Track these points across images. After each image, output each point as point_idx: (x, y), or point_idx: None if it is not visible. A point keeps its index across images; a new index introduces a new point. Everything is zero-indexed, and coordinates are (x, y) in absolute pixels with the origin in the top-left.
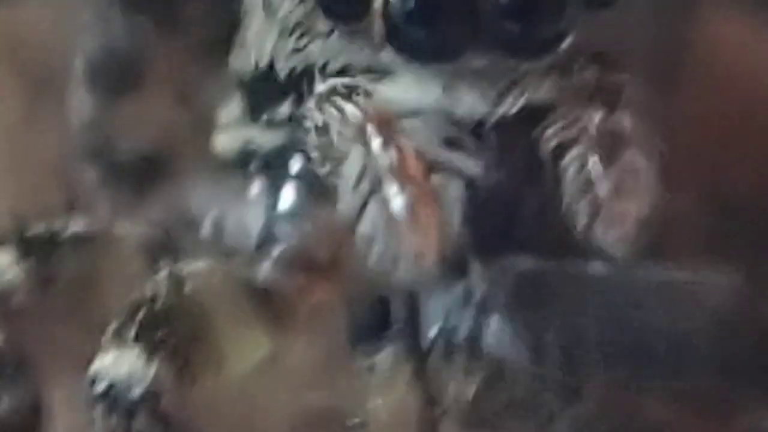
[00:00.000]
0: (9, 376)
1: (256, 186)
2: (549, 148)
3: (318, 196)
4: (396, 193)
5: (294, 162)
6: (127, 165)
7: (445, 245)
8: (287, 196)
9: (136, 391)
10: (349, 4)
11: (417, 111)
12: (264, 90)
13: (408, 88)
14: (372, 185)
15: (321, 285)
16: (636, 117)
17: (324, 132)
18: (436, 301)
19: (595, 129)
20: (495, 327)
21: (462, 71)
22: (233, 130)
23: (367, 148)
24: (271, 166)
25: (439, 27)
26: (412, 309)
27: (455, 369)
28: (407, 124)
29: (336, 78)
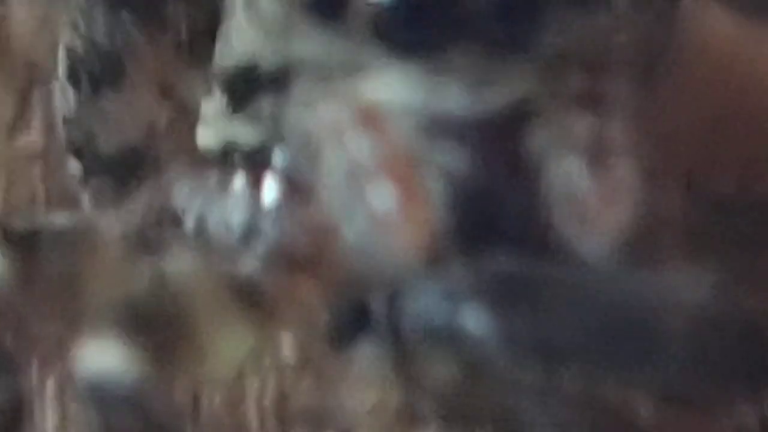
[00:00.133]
0: None
1: (238, 181)
2: (532, 149)
3: (300, 192)
4: (378, 189)
5: (276, 157)
6: (110, 160)
7: (428, 242)
8: (270, 191)
9: (118, 387)
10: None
11: (400, 108)
12: (246, 85)
13: (391, 84)
14: (354, 181)
15: (303, 282)
16: (622, 121)
17: (306, 128)
18: (417, 298)
19: (580, 132)
20: (474, 325)
21: (446, 68)
22: (216, 125)
23: (350, 143)
24: (254, 161)
25: (422, 22)
26: (393, 305)
27: (436, 366)
28: (390, 120)
29: (318, 74)
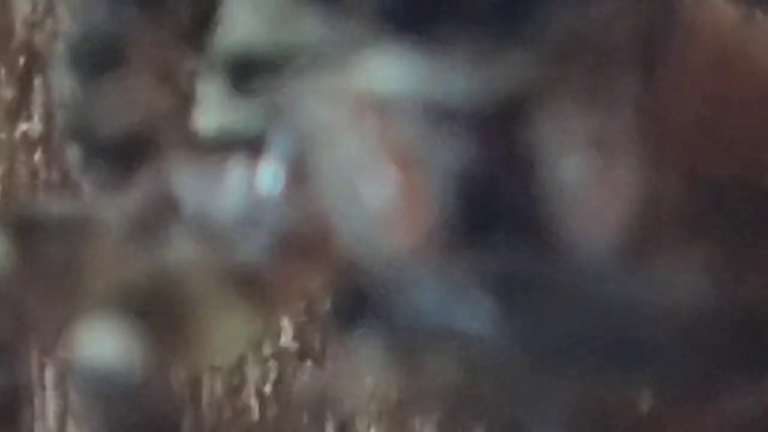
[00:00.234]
0: None
1: (237, 168)
2: (531, 141)
3: (300, 179)
4: (377, 177)
5: (275, 144)
6: (110, 146)
7: (427, 230)
8: (269, 178)
9: (118, 375)
10: None
11: (399, 96)
12: (245, 71)
13: (390, 72)
14: (353, 169)
15: (304, 270)
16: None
17: (305, 114)
18: (415, 290)
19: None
20: (473, 321)
21: (446, 56)
22: (215, 111)
23: (349, 131)
24: (253, 148)
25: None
26: (391, 297)
27: (434, 362)
28: (389, 108)
29: (318, 62)
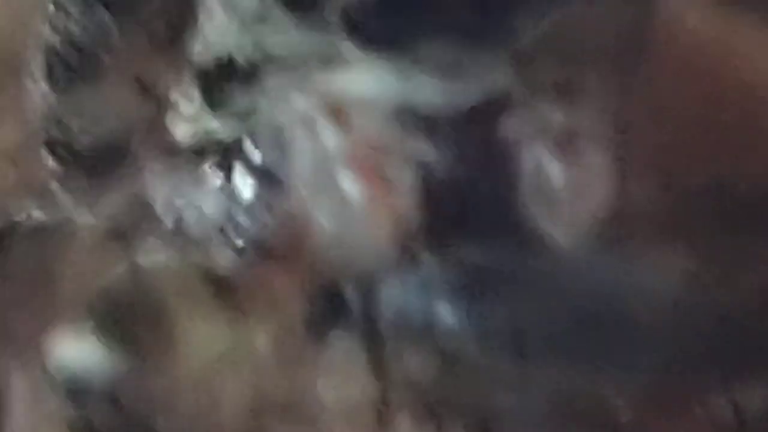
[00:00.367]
0: None
1: (213, 174)
2: (506, 140)
3: (275, 184)
4: (351, 181)
5: (251, 152)
6: (86, 154)
7: (401, 232)
8: (244, 184)
9: (94, 381)
10: None
11: (372, 100)
12: (220, 79)
13: (364, 78)
14: (327, 173)
15: (279, 274)
16: (595, 112)
17: (279, 121)
18: (391, 289)
19: (554, 124)
20: (448, 316)
21: (419, 61)
22: (192, 119)
23: (322, 136)
24: (229, 155)
25: (396, 16)
26: (368, 297)
27: (411, 357)
28: (362, 112)
29: (292, 69)
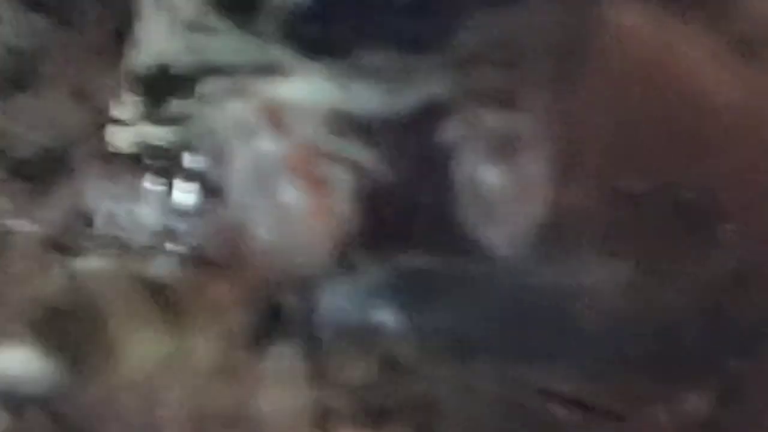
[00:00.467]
0: None
1: (151, 182)
2: (444, 146)
3: (212, 192)
4: (289, 187)
5: (190, 159)
6: (24, 163)
7: (339, 238)
8: (182, 192)
9: (32, 390)
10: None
11: (309, 107)
12: (159, 87)
13: (301, 85)
14: (264, 180)
15: (218, 282)
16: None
17: (217, 128)
18: (331, 296)
19: (492, 130)
20: (388, 322)
21: (356, 68)
22: (128, 125)
23: (259, 143)
24: (167, 163)
25: (333, 23)
26: (307, 303)
27: (351, 363)
28: (299, 119)
29: (229, 75)
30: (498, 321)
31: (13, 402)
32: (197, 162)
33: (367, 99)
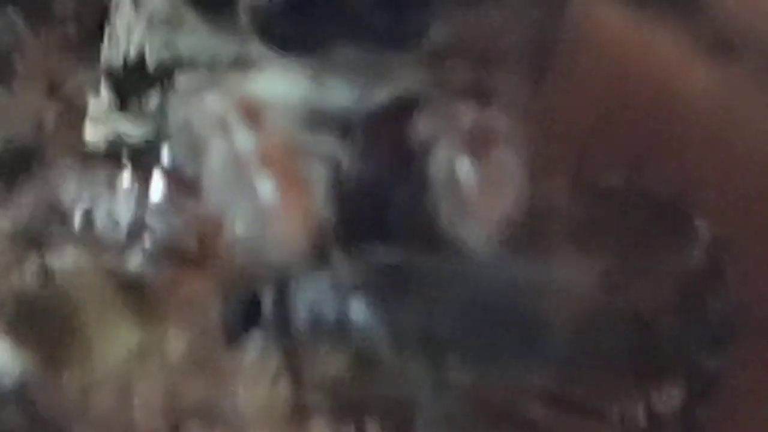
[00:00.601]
0: None
1: (125, 177)
2: (418, 142)
3: (187, 187)
4: (262, 180)
5: (162, 154)
6: None
7: (313, 234)
8: (156, 187)
9: (4, 383)
10: None
11: (283, 102)
12: (133, 82)
13: (275, 80)
14: (238, 175)
15: (191, 277)
16: (507, 113)
17: (191, 123)
18: (304, 291)
19: (465, 125)
20: (361, 317)
21: (330, 63)
22: (103, 121)
23: (233, 138)
24: (141, 157)
25: (306, 19)
26: (281, 299)
27: (325, 359)
28: (272, 114)
29: (202, 70)
30: (472, 316)
31: None
32: (171, 157)
33: (342, 94)
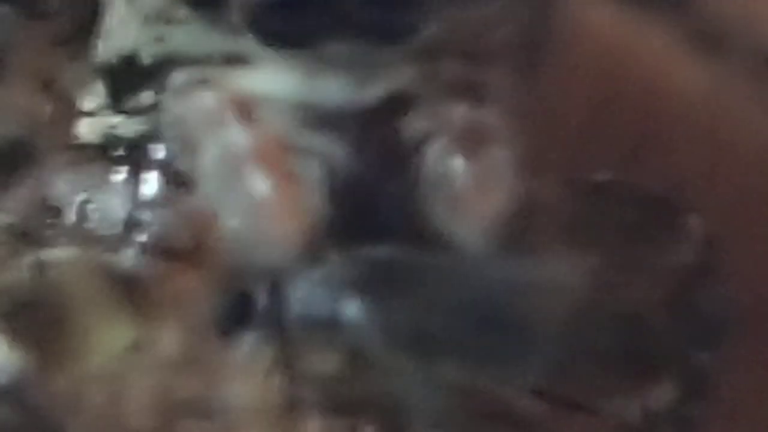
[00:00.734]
0: None
1: (118, 173)
2: (410, 139)
3: (180, 183)
4: (256, 177)
5: (156, 150)
6: None
7: (307, 231)
8: (149, 184)
9: None
10: None
11: (276, 99)
12: (126, 78)
13: (268, 76)
14: (232, 171)
15: (184, 273)
16: (499, 110)
17: (184, 119)
18: (298, 288)
19: (457, 122)
20: (353, 314)
21: (322, 59)
22: (96, 116)
23: (227, 134)
24: (134, 153)
25: (298, 15)
26: (274, 295)
27: (318, 356)
28: (266, 110)
29: (195, 66)
30: (465, 314)
31: None
32: (165, 153)
33: (334, 91)
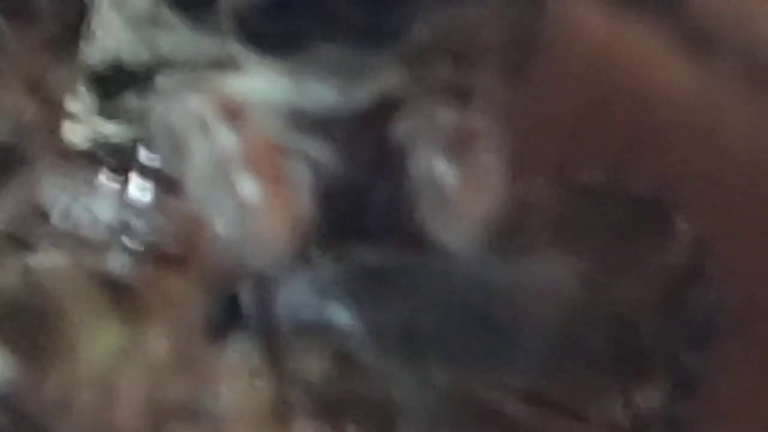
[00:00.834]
0: None
1: (106, 177)
2: (398, 141)
3: (168, 186)
4: (245, 180)
5: (146, 154)
6: None
7: (296, 234)
8: (138, 187)
9: None
10: None
11: (265, 102)
12: (113, 81)
13: (256, 80)
14: (221, 175)
15: (173, 276)
16: (488, 113)
17: (172, 123)
18: (287, 291)
19: (446, 125)
20: (343, 317)
21: (311, 63)
22: (84, 121)
23: (216, 138)
24: (123, 157)
25: (286, 18)
26: (264, 298)
27: (307, 359)
28: (255, 114)
29: (184, 70)
30: (453, 316)
31: None
32: (153, 157)
33: (323, 94)
